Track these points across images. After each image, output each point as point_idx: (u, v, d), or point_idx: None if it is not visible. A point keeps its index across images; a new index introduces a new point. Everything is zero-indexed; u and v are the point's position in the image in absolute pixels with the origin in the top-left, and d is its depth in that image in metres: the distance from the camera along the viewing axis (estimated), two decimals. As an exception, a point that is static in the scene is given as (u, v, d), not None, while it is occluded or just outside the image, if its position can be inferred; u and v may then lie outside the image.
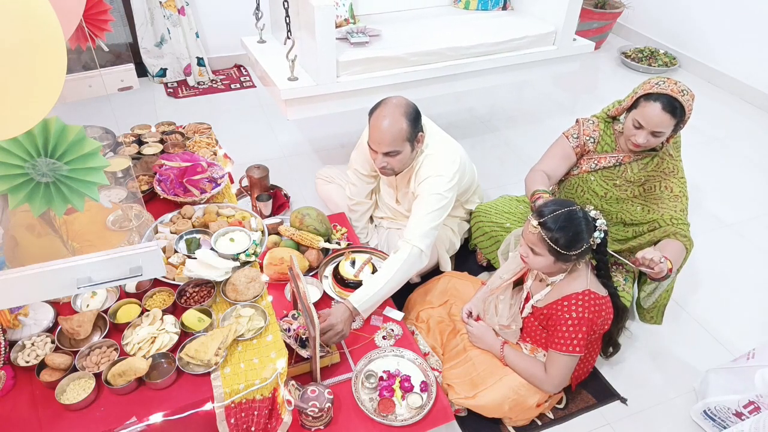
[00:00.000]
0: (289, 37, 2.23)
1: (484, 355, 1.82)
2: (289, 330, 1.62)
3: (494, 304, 1.86)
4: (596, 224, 1.60)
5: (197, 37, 3.63)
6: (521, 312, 1.80)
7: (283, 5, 2.17)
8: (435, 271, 2.24)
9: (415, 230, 1.89)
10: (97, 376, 1.35)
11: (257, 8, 2.55)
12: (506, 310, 1.83)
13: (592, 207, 1.63)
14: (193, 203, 1.88)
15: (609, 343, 1.93)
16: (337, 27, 2.55)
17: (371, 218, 2.40)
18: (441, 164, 1.96)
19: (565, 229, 1.55)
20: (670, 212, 1.99)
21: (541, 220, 1.57)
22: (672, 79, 1.89)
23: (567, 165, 2.14)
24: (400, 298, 2.10)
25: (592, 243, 1.60)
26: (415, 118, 1.87)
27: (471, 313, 1.91)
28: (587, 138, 2.09)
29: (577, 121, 2.15)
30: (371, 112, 1.90)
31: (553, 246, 1.56)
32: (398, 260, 1.86)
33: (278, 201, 2.53)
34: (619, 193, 2.05)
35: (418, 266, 1.91)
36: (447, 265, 2.24)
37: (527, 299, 1.78)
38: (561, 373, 1.69)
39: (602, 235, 1.60)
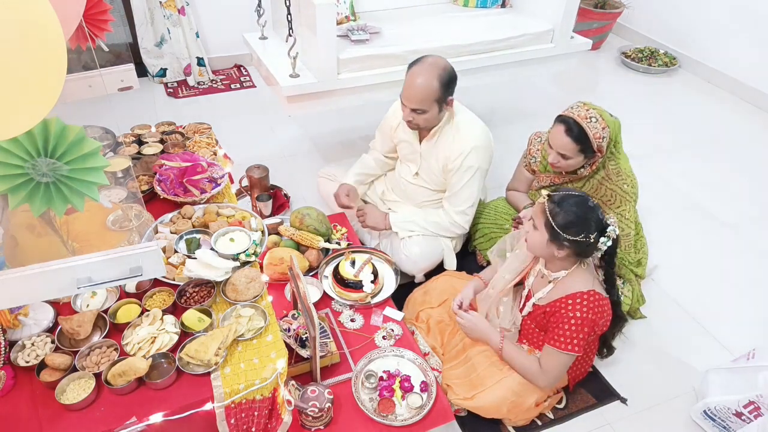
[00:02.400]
0: (290, 35, 2.23)
1: (483, 355, 1.82)
2: (289, 330, 1.62)
3: (496, 306, 1.85)
4: (607, 229, 1.56)
5: (197, 37, 3.63)
6: (521, 310, 1.80)
7: (285, 3, 2.17)
8: (435, 271, 2.24)
9: (457, 206, 2.13)
10: (97, 376, 1.34)
11: (259, 5, 2.55)
12: (508, 312, 1.82)
13: (612, 215, 1.60)
14: (193, 203, 1.88)
15: (604, 345, 1.93)
16: (337, 24, 2.56)
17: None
18: (475, 136, 2.04)
19: (568, 211, 1.54)
20: None
21: (551, 194, 1.58)
22: (594, 107, 1.91)
23: (528, 182, 2.29)
24: (400, 298, 2.10)
25: (594, 243, 1.57)
26: (448, 81, 1.91)
27: (461, 304, 1.90)
28: (531, 158, 2.21)
29: (529, 138, 2.24)
30: (410, 66, 1.95)
31: (550, 220, 1.55)
32: (437, 215, 2.17)
33: (278, 201, 2.53)
34: None
35: (447, 234, 2.20)
36: (452, 263, 2.24)
37: (528, 297, 1.78)
38: (556, 369, 1.68)
39: (609, 243, 1.57)
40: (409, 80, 1.92)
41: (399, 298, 2.06)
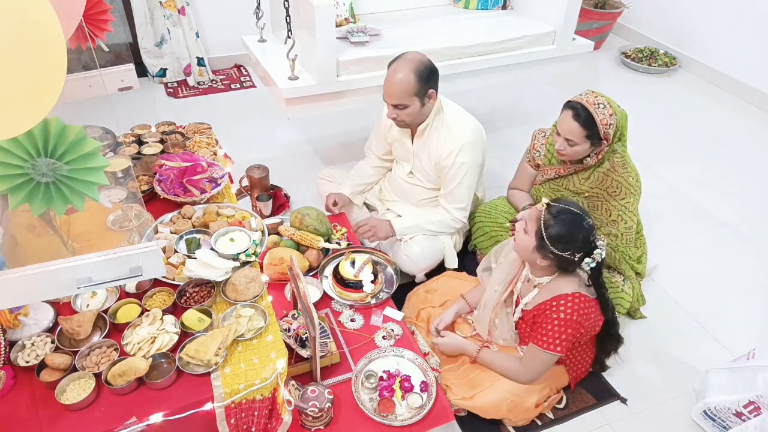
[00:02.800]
0: (289, 37, 2.23)
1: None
2: (289, 330, 1.62)
3: (492, 321, 1.85)
4: (594, 252, 1.56)
5: (197, 37, 3.63)
6: (512, 315, 1.80)
7: (284, 4, 2.18)
8: (436, 271, 2.24)
9: (455, 204, 2.14)
10: (97, 376, 1.34)
11: (258, 7, 2.55)
12: (505, 322, 1.82)
13: (603, 237, 1.61)
14: (193, 203, 1.88)
15: (597, 362, 1.92)
16: (337, 26, 2.56)
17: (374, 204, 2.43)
18: (465, 132, 2.05)
19: (562, 225, 1.54)
20: (608, 231, 2.07)
21: (552, 203, 1.58)
22: (601, 95, 1.92)
23: (531, 179, 2.28)
24: (400, 297, 2.10)
25: (578, 262, 1.57)
26: (426, 75, 1.93)
27: (438, 325, 1.90)
28: (535, 152, 2.22)
29: (533, 133, 2.23)
30: (389, 64, 1.98)
31: (542, 229, 1.56)
32: (438, 214, 2.18)
33: (278, 201, 2.53)
34: None
35: (450, 231, 2.21)
36: (453, 261, 2.24)
37: (517, 303, 1.78)
38: (537, 367, 1.69)
39: (593, 264, 1.57)
40: (388, 77, 1.95)
41: (399, 298, 2.06)
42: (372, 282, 1.93)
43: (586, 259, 1.57)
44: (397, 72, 1.91)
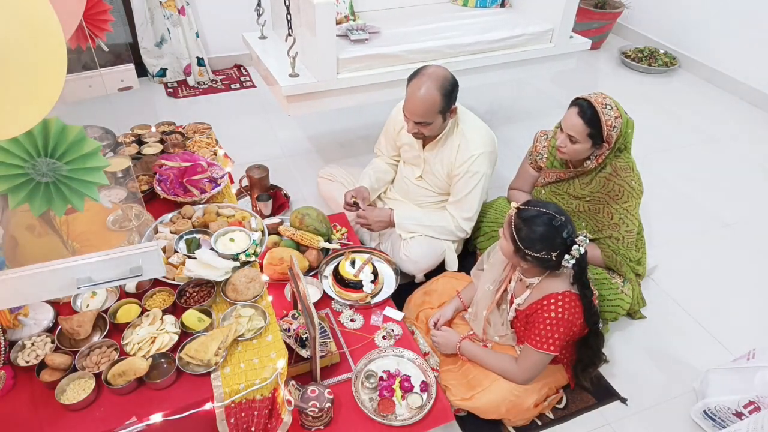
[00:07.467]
0: (290, 34, 2.23)
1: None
2: (289, 330, 1.62)
3: (486, 319, 1.85)
4: (571, 249, 1.54)
5: (197, 37, 3.63)
6: (507, 313, 1.81)
7: (284, 2, 2.18)
8: (436, 271, 2.24)
9: (463, 213, 2.12)
10: (97, 376, 1.34)
11: (258, 5, 2.56)
12: (498, 319, 1.83)
13: (587, 233, 1.60)
14: (193, 203, 1.88)
15: (577, 378, 1.88)
16: (337, 24, 2.56)
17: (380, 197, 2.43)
18: (481, 142, 2.04)
19: (531, 227, 1.55)
20: (609, 234, 2.06)
21: (522, 206, 1.59)
22: (611, 98, 1.92)
23: (532, 181, 2.28)
24: (400, 298, 2.10)
25: (557, 261, 1.56)
26: (449, 91, 1.91)
27: (437, 322, 1.92)
28: (537, 155, 2.21)
29: (535, 135, 2.23)
30: (410, 78, 1.94)
31: (514, 233, 1.58)
32: (443, 219, 2.15)
33: (278, 201, 2.54)
34: (565, 206, 2.12)
35: (452, 238, 2.19)
36: (454, 263, 2.24)
37: (511, 303, 1.78)
38: (533, 368, 1.69)
39: (573, 261, 1.55)
40: (410, 93, 1.91)
41: (399, 298, 2.06)
42: (372, 282, 1.93)
43: (566, 257, 1.56)
44: (420, 88, 1.87)
